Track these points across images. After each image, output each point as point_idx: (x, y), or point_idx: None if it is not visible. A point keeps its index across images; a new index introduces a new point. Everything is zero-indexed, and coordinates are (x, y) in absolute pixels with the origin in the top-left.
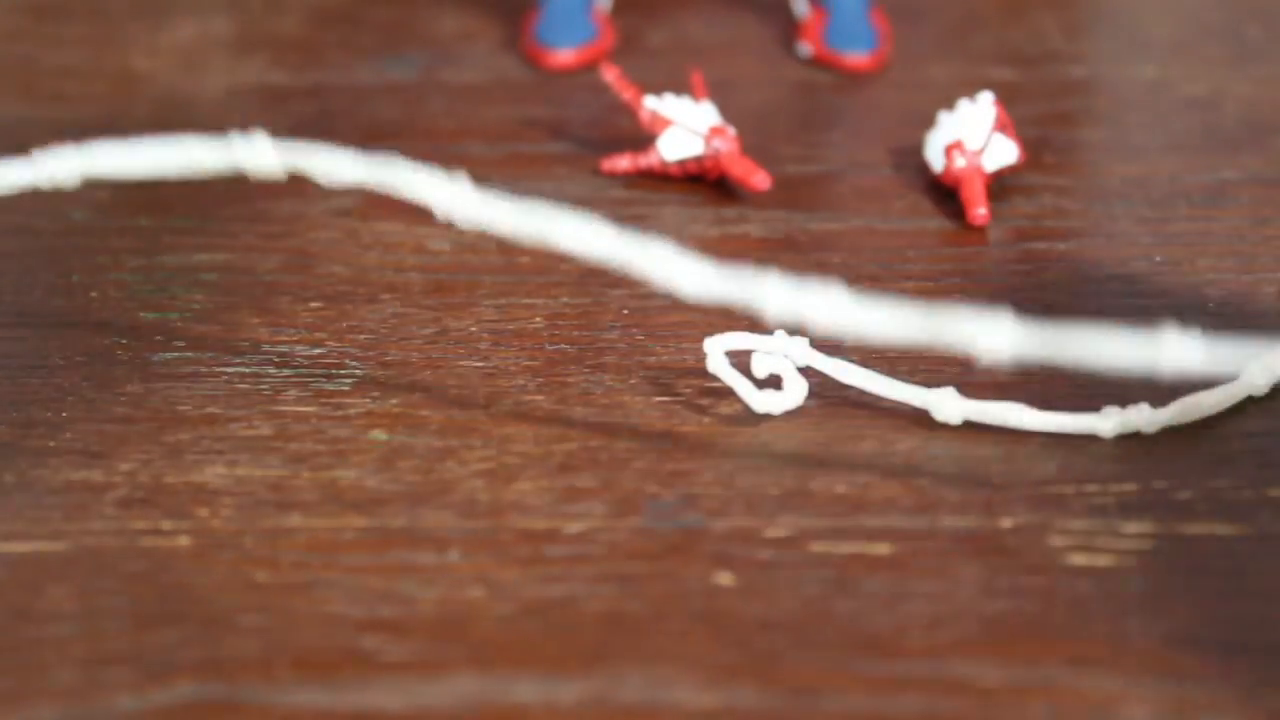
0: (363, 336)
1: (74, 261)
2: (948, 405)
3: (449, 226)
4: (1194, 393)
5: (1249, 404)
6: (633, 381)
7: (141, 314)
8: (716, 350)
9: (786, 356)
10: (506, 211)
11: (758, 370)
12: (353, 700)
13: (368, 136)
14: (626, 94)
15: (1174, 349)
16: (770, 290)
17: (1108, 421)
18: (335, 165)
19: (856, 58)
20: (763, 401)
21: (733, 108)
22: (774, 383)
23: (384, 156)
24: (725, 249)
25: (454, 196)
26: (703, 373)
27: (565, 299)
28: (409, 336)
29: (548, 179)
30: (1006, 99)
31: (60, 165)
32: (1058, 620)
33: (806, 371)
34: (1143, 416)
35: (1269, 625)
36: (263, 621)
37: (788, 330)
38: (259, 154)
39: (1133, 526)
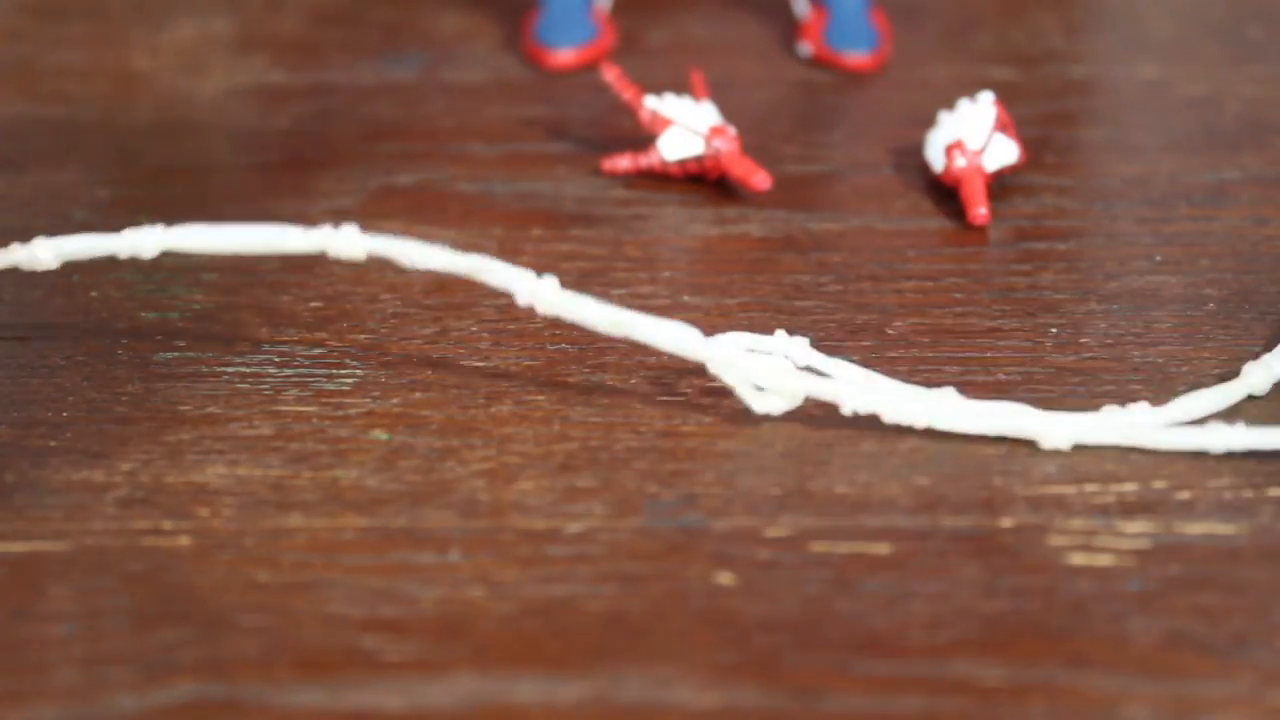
0: (363, 336)
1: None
2: (949, 407)
3: (449, 226)
4: (1193, 392)
5: (1249, 404)
6: (633, 381)
7: (142, 314)
8: (716, 350)
9: (786, 357)
10: (590, 309)
11: (757, 371)
12: (353, 700)
13: (368, 136)
14: (627, 94)
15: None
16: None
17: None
18: (420, 254)
19: (857, 58)
20: (762, 402)
21: (733, 108)
22: (774, 383)
23: (469, 255)
24: (725, 249)
25: (536, 291)
26: (703, 373)
27: None
28: (409, 336)
29: (548, 179)
30: (1006, 99)
31: (143, 241)
32: (1058, 620)
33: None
34: (1143, 417)
35: (1269, 625)
36: (263, 621)
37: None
38: (346, 241)
39: (1133, 526)
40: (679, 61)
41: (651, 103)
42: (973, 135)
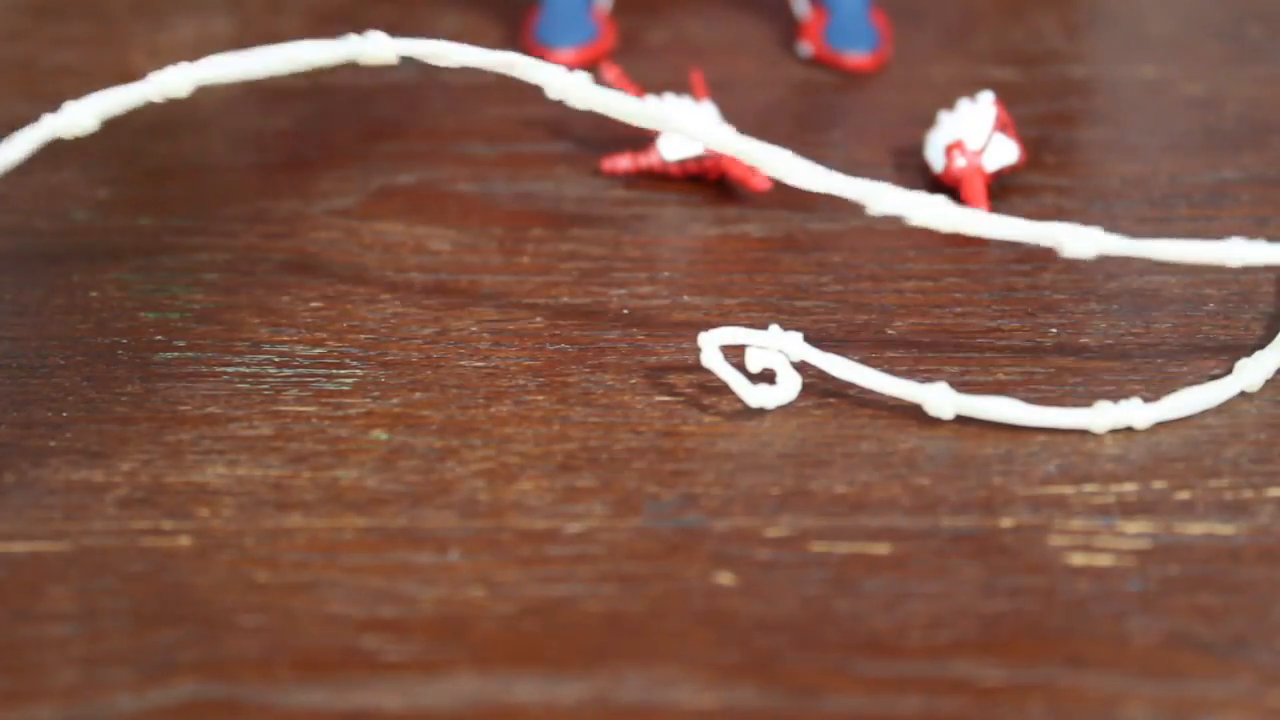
0: (363, 336)
1: (74, 261)
2: (940, 399)
3: (449, 226)
4: (1187, 388)
5: (1249, 404)
6: (633, 381)
7: (142, 313)
8: (711, 345)
9: (781, 351)
10: (619, 101)
11: (752, 365)
12: (353, 700)
13: (368, 136)
14: (627, 94)
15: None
16: None
17: (1102, 417)
18: (452, 53)
19: (857, 57)
20: (757, 396)
21: (733, 108)
22: (768, 377)
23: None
24: (725, 249)
25: (567, 85)
26: (703, 372)
27: (565, 299)
28: (409, 336)
29: (548, 179)
30: (1006, 99)
31: (174, 79)
32: (1058, 620)
33: (801, 367)
34: (1136, 412)
35: (1269, 625)
36: (263, 621)
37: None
38: (375, 47)
39: (1133, 526)
40: (679, 61)
41: (651, 103)
42: (973, 135)
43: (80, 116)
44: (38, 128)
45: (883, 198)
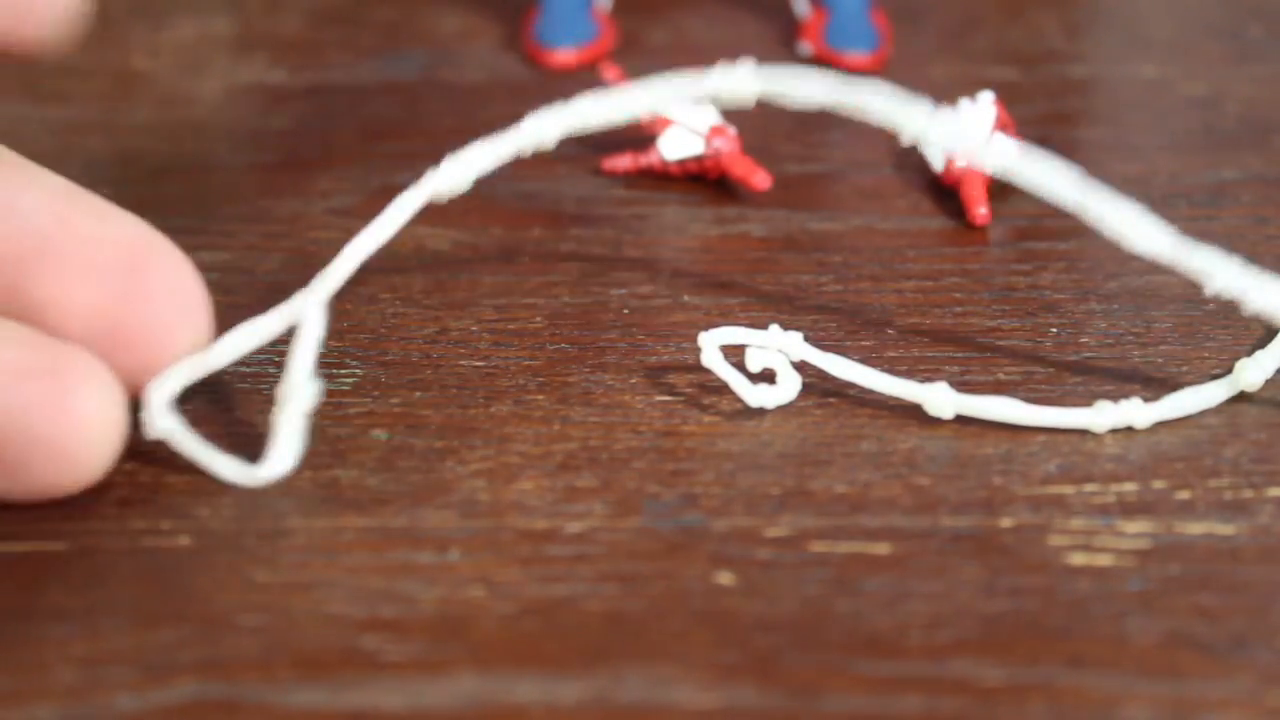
0: (363, 336)
1: None
2: (940, 399)
3: (449, 225)
4: (1187, 388)
5: (1249, 404)
6: (633, 381)
7: None
8: (711, 345)
9: (781, 351)
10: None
11: (752, 365)
12: (353, 700)
13: (368, 136)
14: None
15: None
16: None
17: (1102, 416)
18: (809, 88)
19: (857, 57)
20: (757, 396)
21: (733, 107)
22: (768, 377)
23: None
24: (725, 249)
25: (926, 127)
26: (703, 372)
27: (565, 299)
28: (409, 336)
29: (548, 179)
30: (1006, 99)
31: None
32: (1058, 620)
33: (801, 366)
34: (1136, 412)
35: (1269, 625)
36: (263, 621)
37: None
38: (734, 82)
39: (1133, 526)
40: (679, 61)
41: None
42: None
43: (458, 177)
44: (418, 190)
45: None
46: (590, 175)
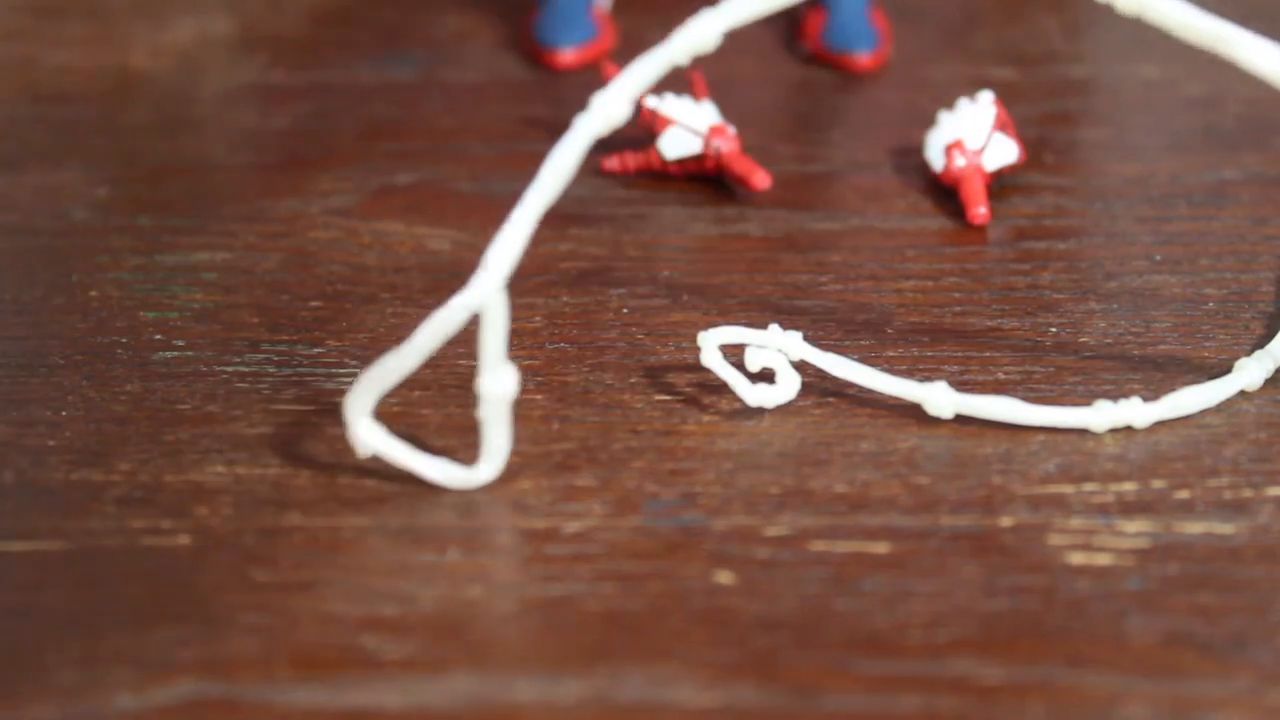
0: (362, 335)
1: (74, 260)
2: (939, 399)
3: (449, 225)
4: (1187, 387)
5: (1248, 403)
6: (633, 381)
7: (141, 313)
8: (710, 344)
9: (780, 351)
10: None
11: (751, 365)
12: (352, 699)
13: (367, 136)
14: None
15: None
16: None
17: (1101, 416)
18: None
19: (857, 57)
20: (757, 396)
21: (733, 107)
22: (768, 377)
23: None
24: (725, 248)
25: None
26: (703, 372)
27: (565, 299)
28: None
29: None
30: (1006, 98)
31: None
32: (1057, 619)
33: (801, 366)
34: (1135, 411)
35: (1268, 624)
36: (262, 620)
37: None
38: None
39: (1132, 525)
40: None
41: (651, 102)
42: (973, 135)
43: (617, 105)
44: (576, 132)
45: None
46: (590, 175)
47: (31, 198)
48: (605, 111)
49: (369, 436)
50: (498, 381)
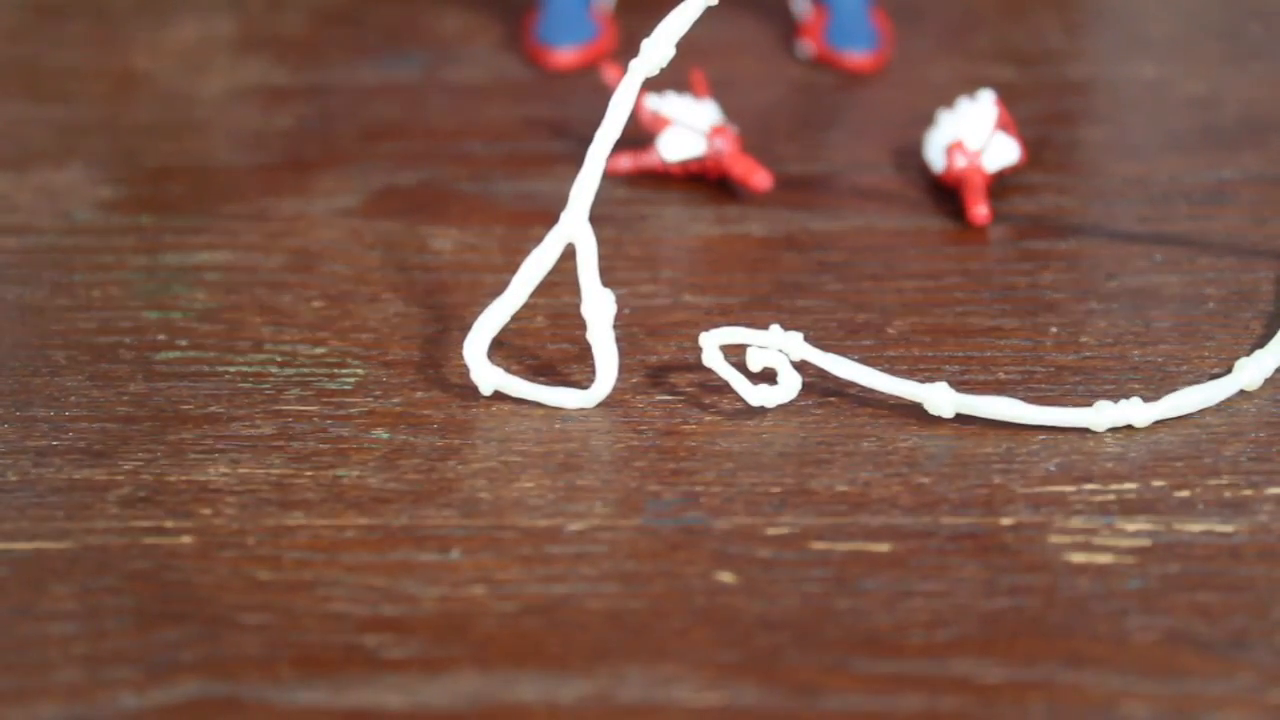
0: (365, 335)
1: (77, 260)
2: (940, 399)
3: (449, 225)
4: (1187, 387)
5: (1248, 403)
6: (634, 380)
7: (144, 313)
8: (711, 345)
9: (781, 351)
10: None
11: (753, 365)
12: (355, 698)
13: (369, 136)
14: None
15: None
16: None
17: (1102, 416)
18: None
19: (857, 57)
20: (758, 396)
21: (734, 107)
22: (769, 377)
23: None
24: (726, 248)
25: None
26: (704, 372)
27: (565, 299)
28: (411, 335)
29: (548, 179)
30: (1006, 98)
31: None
32: (1057, 619)
33: (802, 366)
34: (1135, 411)
35: (1269, 623)
36: (265, 620)
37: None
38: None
39: (1132, 525)
40: (679, 61)
41: (652, 102)
42: (973, 135)
43: (662, 48)
44: (631, 78)
45: None
46: None
47: (34, 198)
48: (654, 53)
49: (489, 374)
50: (599, 304)
